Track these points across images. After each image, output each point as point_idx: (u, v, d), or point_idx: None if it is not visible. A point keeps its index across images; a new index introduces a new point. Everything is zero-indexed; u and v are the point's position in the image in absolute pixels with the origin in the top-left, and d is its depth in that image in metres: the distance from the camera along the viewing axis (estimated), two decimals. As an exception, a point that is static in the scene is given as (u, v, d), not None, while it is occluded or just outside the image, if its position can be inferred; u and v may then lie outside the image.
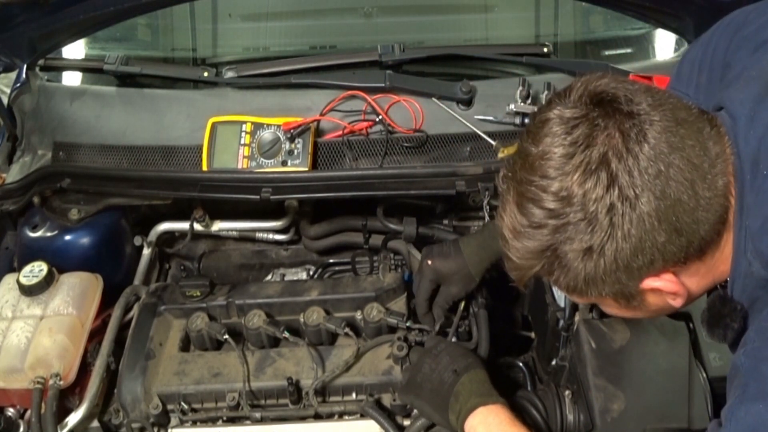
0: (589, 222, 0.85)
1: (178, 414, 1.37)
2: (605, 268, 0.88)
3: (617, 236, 0.85)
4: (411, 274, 1.64)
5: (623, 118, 0.85)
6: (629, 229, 0.85)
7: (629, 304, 0.97)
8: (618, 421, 1.17)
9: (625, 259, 0.87)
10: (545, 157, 0.87)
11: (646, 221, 0.84)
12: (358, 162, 1.63)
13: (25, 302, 1.46)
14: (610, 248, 0.86)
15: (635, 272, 0.89)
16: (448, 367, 1.22)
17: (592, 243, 0.86)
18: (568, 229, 0.87)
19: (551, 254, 0.90)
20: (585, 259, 0.88)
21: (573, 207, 0.85)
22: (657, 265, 0.89)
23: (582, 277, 0.90)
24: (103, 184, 1.65)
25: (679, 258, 0.89)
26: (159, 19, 2.05)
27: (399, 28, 2.11)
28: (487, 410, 1.15)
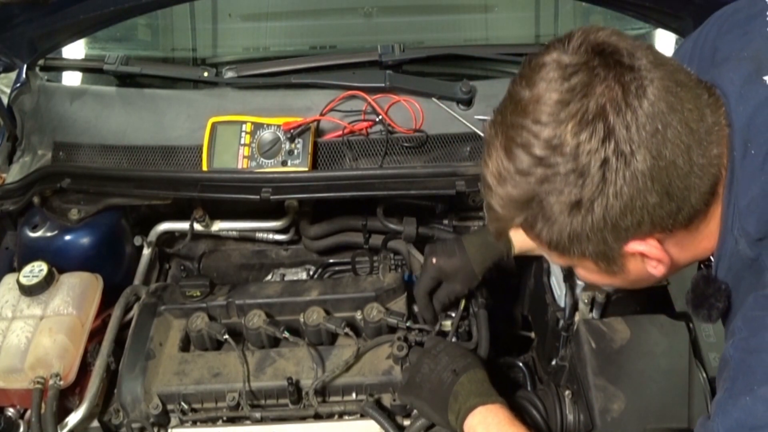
0: (580, 174, 0.82)
1: (178, 414, 1.37)
2: (592, 225, 0.85)
3: (608, 192, 0.83)
4: (411, 274, 1.64)
5: (624, 70, 0.82)
6: (621, 186, 0.82)
7: (609, 268, 0.94)
8: (618, 421, 1.17)
9: (614, 217, 0.84)
10: (539, 101, 0.83)
11: (639, 180, 0.82)
12: (358, 162, 1.63)
13: (25, 302, 1.46)
14: (600, 204, 0.83)
15: (622, 233, 0.87)
16: (447, 367, 1.22)
17: (582, 197, 0.83)
18: (556, 180, 0.83)
19: (536, 205, 0.86)
20: (572, 214, 0.85)
21: (564, 157, 0.82)
22: (644, 228, 0.86)
23: (567, 232, 0.87)
24: (103, 184, 1.65)
25: (667, 224, 0.87)
26: (159, 19, 2.05)
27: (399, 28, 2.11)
28: (486, 410, 1.15)
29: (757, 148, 0.86)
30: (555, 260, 1.01)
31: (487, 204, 0.93)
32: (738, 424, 0.81)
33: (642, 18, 1.74)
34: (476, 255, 1.38)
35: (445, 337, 1.40)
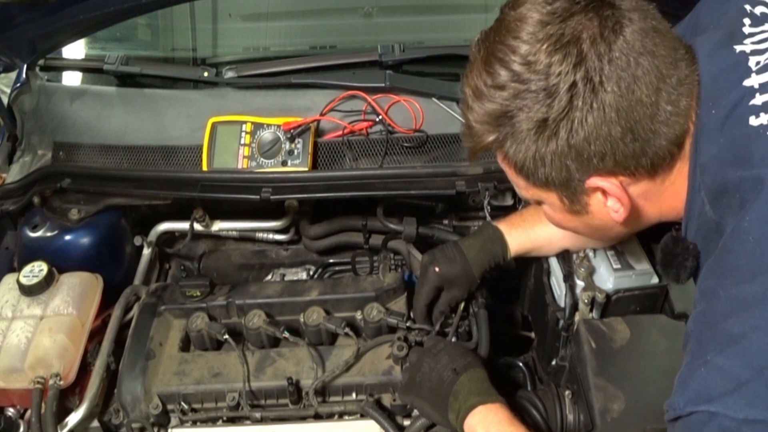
0: (549, 94, 0.85)
1: (178, 414, 1.37)
2: (556, 148, 0.88)
3: (574, 117, 0.86)
4: (411, 274, 1.64)
5: (604, 6, 0.86)
6: (587, 113, 0.85)
7: (572, 206, 0.97)
8: (618, 421, 1.17)
9: (577, 144, 0.87)
10: (521, 19, 0.88)
11: (605, 111, 0.85)
12: (358, 162, 1.63)
13: (25, 302, 1.46)
14: (565, 127, 0.87)
15: (584, 162, 0.89)
16: (447, 366, 1.22)
17: (548, 116, 0.87)
18: (527, 97, 0.87)
19: (507, 121, 0.89)
20: (538, 133, 0.88)
21: (537, 75, 0.86)
22: (607, 162, 0.89)
23: (532, 152, 0.90)
24: (103, 184, 1.65)
25: (630, 165, 0.90)
26: (159, 19, 2.05)
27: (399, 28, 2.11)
28: (486, 409, 1.15)
29: (719, 109, 0.88)
30: (524, 192, 1.03)
31: (464, 121, 0.96)
32: (696, 395, 0.81)
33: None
34: (475, 258, 1.38)
35: (445, 337, 1.40)
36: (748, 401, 0.77)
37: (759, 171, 0.83)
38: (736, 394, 0.77)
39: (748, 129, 0.85)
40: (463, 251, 1.39)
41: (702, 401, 0.80)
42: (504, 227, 1.40)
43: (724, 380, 0.79)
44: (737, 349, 0.79)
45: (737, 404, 0.77)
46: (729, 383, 0.78)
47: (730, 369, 0.79)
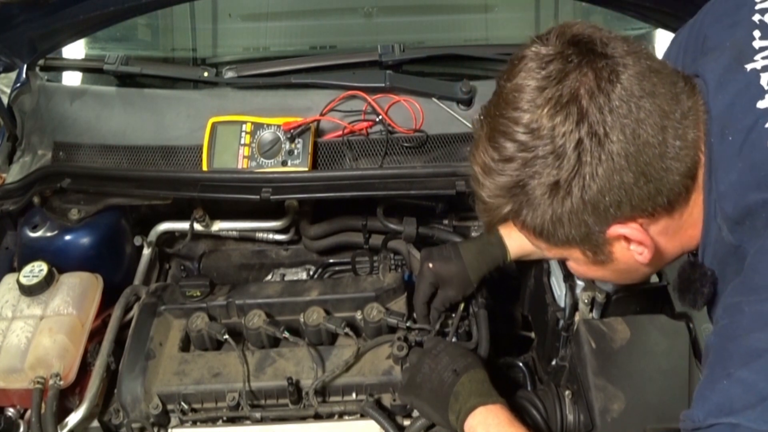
0: (557, 156, 0.86)
1: (178, 414, 1.37)
2: (572, 206, 0.88)
3: (585, 173, 0.86)
4: (411, 274, 1.64)
5: (597, 58, 0.86)
6: (597, 167, 0.86)
7: (596, 257, 0.97)
8: (618, 421, 1.17)
9: (592, 198, 0.87)
10: (518, 90, 0.88)
11: (614, 160, 0.85)
12: (358, 162, 1.63)
13: (25, 302, 1.46)
14: (577, 185, 0.87)
15: (602, 214, 0.89)
16: (447, 366, 1.22)
17: (560, 178, 0.87)
18: (536, 163, 0.87)
19: (520, 191, 0.90)
20: (552, 195, 0.88)
21: (542, 140, 0.86)
22: (624, 210, 0.89)
23: (549, 215, 0.90)
24: (103, 184, 1.65)
25: (647, 207, 0.90)
26: (159, 19, 2.05)
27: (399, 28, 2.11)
28: (487, 410, 1.15)
29: (735, 135, 0.88)
30: (546, 252, 1.03)
31: (477, 197, 0.97)
32: (717, 407, 0.81)
33: (642, 18, 1.74)
34: (472, 261, 1.39)
35: (445, 337, 1.40)
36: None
37: None
38: (760, 408, 0.77)
39: (766, 152, 0.85)
40: (460, 252, 1.39)
41: (723, 414, 0.80)
42: (503, 230, 1.39)
43: (747, 393, 0.79)
44: (761, 363, 0.79)
45: (761, 418, 0.77)
46: (752, 397, 0.78)
47: (754, 383, 0.79)
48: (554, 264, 1.44)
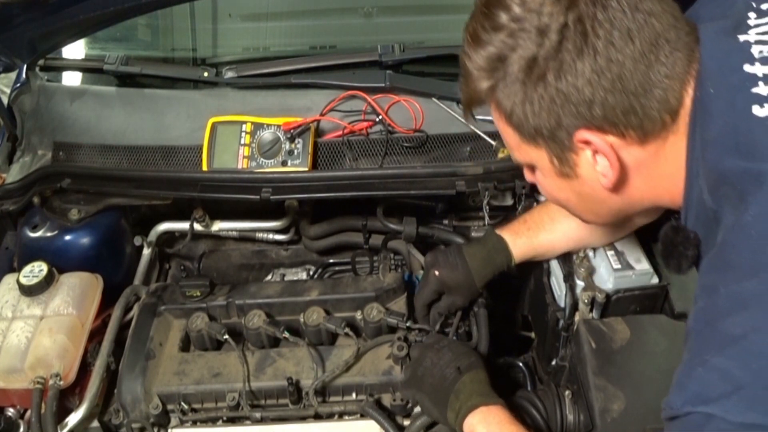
0: (541, 32, 0.86)
1: (178, 414, 1.37)
2: (544, 91, 0.88)
3: (563, 59, 0.86)
4: (411, 274, 1.64)
5: None
6: (576, 58, 0.86)
7: (562, 167, 0.96)
8: (618, 421, 1.17)
9: (565, 88, 0.87)
10: None
11: (595, 58, 0.85)
12: (358, 162, 1.63)
13: (25, 302, 1.46)
14: (553, 69, 0.87)
15: (572, 110, 0.89)
16: (450, 363, 1.22)
17: (537, 54, 0.87)
18: (521, 36, 0.88)
19: (500, 65, 0.90)
20: (527, 72, 0.88)
21: (530, 13, 0.87)
22: (595, 113, 0.88)
23: (521, 97, 0.90)
24: (103, 184, 1.65)
25: (619, 121, 0.89)
26: (159, 19, 2.05)
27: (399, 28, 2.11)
28: (488, 410, 1.15)
29: (720, 91, 0.87)
30: (516, 154, 1.02)
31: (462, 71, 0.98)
32: (693, 395, 0.80)
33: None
34: (478, 269, 1.38)
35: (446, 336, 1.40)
36: (747, 404, 0.76)
37: (763, 165, 0.81)
38: (735, 397, 0.76)
39: (751, 119, 0.84)
40: (466, 260, 1.38)
41: (700, 402, 0.79)
42: (508, 236, 1.39)
43: (722, 382, 0.78)
44: (736, 350, 0.78)
45: (736, 407, 0.76)
46: (728, 385, 0.77)
47: (729, 370, 0.78)
48: (554, 264, 1.44)
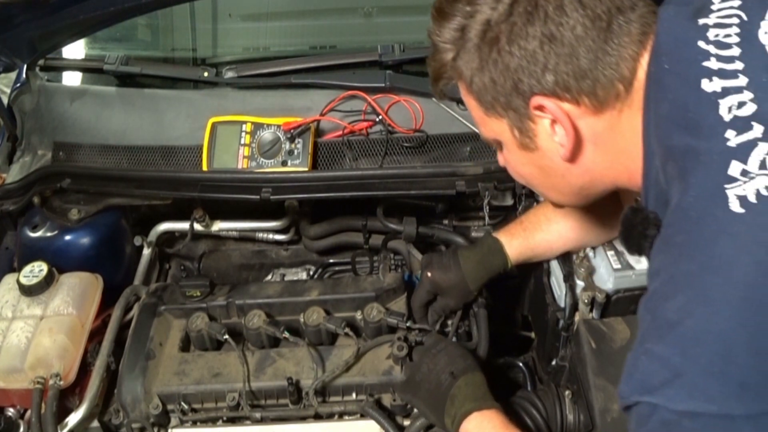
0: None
1: (178, 414, 1.37)
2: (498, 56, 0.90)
3: (515, 21, 0.88)
4: (411, 274, 1.64)
5: None
6: (525, 22, 0.88)
7: (522, 138, 0.97)
8: (618, 421, 1.17)
9: (517, 52, 0.89)
10: None
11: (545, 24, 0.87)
12: (358, 162, 1.63)
13: (25, 302, 1.46)
14: (505, 32, 0.89)
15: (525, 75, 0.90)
16: (445, 369, 1.22)
17: (491, 18, 0.90)
18: (479, 2, 0.91)
19: (461, 36, 0.93)
20: (482, 38, 0.91)
21: None
22: (549, 79, 0.89)
23: (477, 63, 0.93)
24: (103, 184, 1.65)
25: (572, 86, 0.89)
26: (159, 19, 2.05)
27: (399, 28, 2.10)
28: (482, 415, 1.15)
29: (672, 65, 0.87)
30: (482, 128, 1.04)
31: (431, 41, 0.99)
32: (639, 384, 0.80)
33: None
34: (472, 271, 1.38)
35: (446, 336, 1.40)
36: (687, 392, 0.75)
37: (706, 143, 0.80)
38: (676, 385, 0.76)
39: (700, 93, 0.83)
40: (460, 262, 1.39)
41: (645, 392, 0.79)
42: (504, 238, 1.40)
43: (663, 369, 0.77)
44: (674, 336, 0.77)
45: (677, 396, 0.76)
46: (667, 373, 0.77)
47: (668, 358, 0.77)
48: (554, 264, 1.44)
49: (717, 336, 0.74)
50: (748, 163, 0.76)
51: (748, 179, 0.76)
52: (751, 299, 0.74)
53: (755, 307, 0.73)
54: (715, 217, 0.77)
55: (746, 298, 0.74)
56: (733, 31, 0.86)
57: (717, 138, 0.79)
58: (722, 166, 0.78)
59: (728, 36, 0.86)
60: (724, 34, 0.86)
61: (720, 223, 0.76)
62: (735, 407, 0.73)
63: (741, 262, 0.74)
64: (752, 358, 0.73)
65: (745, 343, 0.73)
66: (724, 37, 0.86)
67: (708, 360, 0.74)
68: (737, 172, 0.76)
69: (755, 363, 0.73)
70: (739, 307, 0.74)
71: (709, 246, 0.77)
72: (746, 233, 0.75)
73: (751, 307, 0.74)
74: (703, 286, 0.76)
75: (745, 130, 0.78)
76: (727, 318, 0.74)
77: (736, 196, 0.76)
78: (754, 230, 0.74)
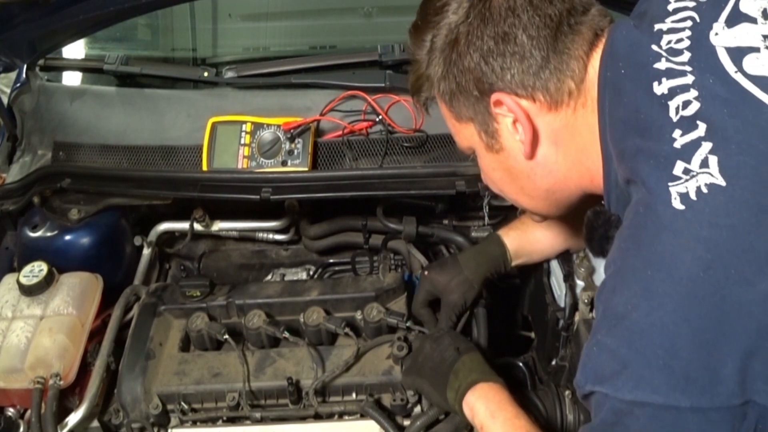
0: (458, 5, 0.95)
1: (178, 414, 1.37)
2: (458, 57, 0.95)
3: (472, 23, 0.93)
4: (411, 274, 1.64)
5: None
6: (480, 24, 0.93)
7: (489, 140, 1.01)
8: (618, 421, 1.17)
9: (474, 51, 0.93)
10: None
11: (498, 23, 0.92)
12: (358, 162, 1.63)
13: (25, 302, 1.46)
14: (463, 32, 0.94)
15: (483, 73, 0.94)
16: (449, 346, 1.23)
17: (451, 22, 0.95)
18: (446, 10, 0.96)
19: (430, 45, 0.98)
20: (446, 42, 0.96)
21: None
22: (504, 77, 0.93)
23: (443, 68, 0.97)
24: (103, 184, 1.65)
25: (527, 83, 0.93)
26: (159, 19, 2.06)
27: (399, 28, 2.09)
28: (488, 386, 1.16)
29: (627, 69, 0.89)
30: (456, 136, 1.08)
31: (409, 55, 1.05)
32: (592, 374, 0.82)
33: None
34: (469, 262, 1.40)
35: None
36: (634, 383, 0.77)
37: (655, 144, 0.82)
38: (624, 376, 0.77)
39: (652, 96, 0.85)
40: (458, 259, 1.41)
41: (597, 382, 0.81)
42: (501, 230, 1.43)
43: (612, 361, 0.79)
44: (621, 329, 0.79)
45: (625, 386, 0.77)
46: (616, 364, 0.78)
47: (616, 349, 0.79)
48: (554, 264, 1.44)
49: (661, 329, 0.76)
50: (691, 162, 0.78)
51: (690, 177, 0.78)
52: (693, 295, 0.75)
53: (698, 303, 0.75)
54: (658, 213, 0.79)
55: (689, 294, 0.75)
56: (685, 34, 0.89)
57: (664, 139, 0.81)
58: (668, 166, 0.80)
59: (680, 40, 0.88)
60: (676, 39, 0.88)
61: (662, 219, 0.78)
62: (680, 399, 0.75)
63: (683, 258, 0.76)
64: (696, 353, 0.75)
65: (688, 337, 0.75)
66: (677, 42, 0.88)
67: (653, 352, 0.76)
68: (680, 171, 0.79)
69: (699, 357, 0.75)
70: (682, 302, 0.75)
71: (653, 242, 0.79)
72: (687, 230, 0.76)
73: (693, 302, 0.75)
74: (647, 280, 0.78)
75: (690, 129, 0.80)
76: (670, 312, 0.76)
77: (678, 194, 0.78)
78: (694, 227, 0.76)
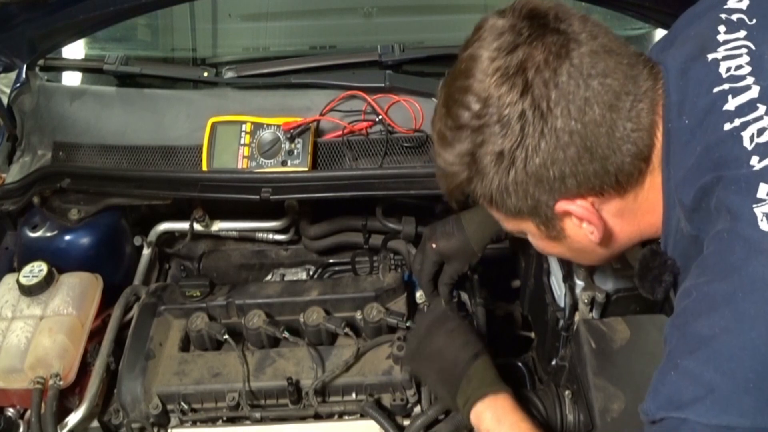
0: (503, 126, 0.88)
1: (178, 414, 1.37)
2: (515, 177, 0.90)
3: (527, 144, 0.88)
4: (411, 274, 1.64)
5: (548, 33, 0.88)
6: (540, 140, 0.87)
7: (549, 232, 0.98)
8: (618, 421, 1.17)
9: (535, 170, 0.89)
10: (472, 59, 0.91)
11: (557, 135, 0.87)
12: (358, 162, 1.63)
13: (25, 302, 1.46)
14: (521, 156, 0.88)
15: (547, 188, 0.91)
16: (464, 347, 1.23)
17: (504, 147, 0.89)
18: (485, 131, 0.89)
19: (470, 159, 0.92)
20: (497, 164, 0.90)
21: (491, 108, 0.88)
22: (570, 185, 0.90)
23: (496, 185, 0.92)
24: (103, 184, 1.65)
25: (594, 185, 0.90)
26: (159, 19, 2.05)
27: (399, 28, 2.11)
28: (496, 398, 1.17)
29: (691, 118, 0.89)
30: (504, 223, 1.05)
31: (436, 165, 0.99)
32: (667, 401, 0.81)
33: (642, 18, 1.74)
34: (475, 233, 1.39)
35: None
36: (721, 407, 0.76)
37: (734, 172, 0.82)
38: (708, 401, 0.76)
39: (722, 134, 0.85)
40: (462, 225, 1.39)
41: (673, 408, 0.79)
42: None
43: (695, 385, 0.78)
44: (707, 352, 0.78)
45: (710, 411, 0.76)
46: (700, 389, 0.77)
47: (700, 374, 0.78)
48: (554, 264, 1.44)
49: (753, 352, 0.75)
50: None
51: None
52: None
53: None
54: (746, 236, 0.79)
55: None
56: (744, 60, 0.88)
57: (743, 165, 0.81)
58: (751, 189, 0.80)
59: (740, 67, 0.87)
60: (735, 66, 0.88)
61: (750, 241, 0.78)
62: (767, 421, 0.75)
63: None
64: None
65: None
66: (736, 69, 0.87)
67: (743, 376, 0.75)
68: (764, 193, 0.78)
69: None
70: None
71: (744, 265, 0.78)
72: None
73: None
74: (738, 302, 0.77)
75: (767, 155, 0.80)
76: (763, 334, 0.75)
77: (764, 215, 0.78)
78: None
